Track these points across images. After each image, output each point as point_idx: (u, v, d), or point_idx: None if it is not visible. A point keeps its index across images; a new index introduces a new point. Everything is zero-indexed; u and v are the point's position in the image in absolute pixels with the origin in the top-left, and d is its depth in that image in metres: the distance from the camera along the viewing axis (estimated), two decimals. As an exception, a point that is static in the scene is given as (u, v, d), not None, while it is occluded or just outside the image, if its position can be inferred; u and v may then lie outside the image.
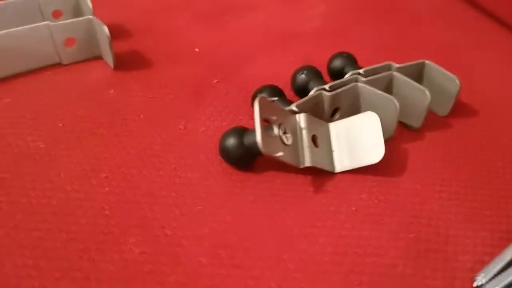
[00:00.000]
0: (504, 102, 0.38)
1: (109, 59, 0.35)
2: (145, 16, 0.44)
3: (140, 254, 0.24)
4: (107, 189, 0.27)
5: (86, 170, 0.28)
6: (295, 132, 0.28)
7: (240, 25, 0.45)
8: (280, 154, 0.26)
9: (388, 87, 0.33)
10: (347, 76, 0.32)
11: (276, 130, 0.27)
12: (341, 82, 0.32)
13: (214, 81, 0.36)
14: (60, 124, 0.30)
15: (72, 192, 0.26)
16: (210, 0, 0.48)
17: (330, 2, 0.51)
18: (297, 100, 0.30)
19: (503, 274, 0.24)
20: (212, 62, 0.39)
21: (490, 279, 0.24)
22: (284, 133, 0.27)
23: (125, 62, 0.37)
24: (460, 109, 0.36)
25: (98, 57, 0.37)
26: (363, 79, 0.32)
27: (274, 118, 0.27)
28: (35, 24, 0.34)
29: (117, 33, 0.40)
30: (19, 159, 0.28)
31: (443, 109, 0.35)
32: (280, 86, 0.33)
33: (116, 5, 0.45)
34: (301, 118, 0.29)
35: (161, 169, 0.28)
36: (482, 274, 0.25)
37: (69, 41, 0.35)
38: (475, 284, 0.24)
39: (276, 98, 0.28)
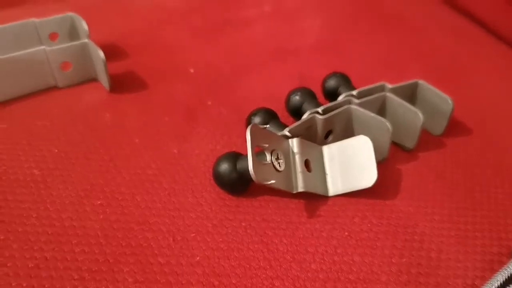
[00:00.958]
0: (499, 119, 0.38)
1: (104, 81, 0.36)
2: (141, 34, 0.44)
3: (134, 284, 0.24)
4: (101, 216, 0.27)
5: (80, 197, 0.28)
6: (288, 157, 0.29)
7: (235, 42, 0.45)
8: (272, 182, 0.26)
9: (381, 108, 0.33)
10: (340, 98, 0.33)
11: (268, 157, 0.27)
12: (334, 105, 0.32)
13: (209, 103, 0.36)
14: (56, 150, 0.31)
15: (67, 220, 0.27)
16: (205, 16, 0.48)
17: (326, 16, 0.51)
18: (292, 121, 0.30)
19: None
20: (207, 81, 0.39)
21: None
22: (277, 159, 0.28)
23: (121, 84, 0.37)
24: (455, 127, 0.36)
25: (94, 80, 0.37)
26: (356, 101, 0.32)
27: (266, 145, 0.27)
28: (32, 49, 0.34)
29: (113, 52, 0.40)
30: (15, 187, 0.28)
31: (438, 129, 0.35)
32: (275, 106, 0.33)
33: (112, 23, 0.46)
34: (294, 143, 0.29)
35: (155, 194, 0.29)
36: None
37: (65, 65, 0.36)
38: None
39: (267, 126, 0.28)
